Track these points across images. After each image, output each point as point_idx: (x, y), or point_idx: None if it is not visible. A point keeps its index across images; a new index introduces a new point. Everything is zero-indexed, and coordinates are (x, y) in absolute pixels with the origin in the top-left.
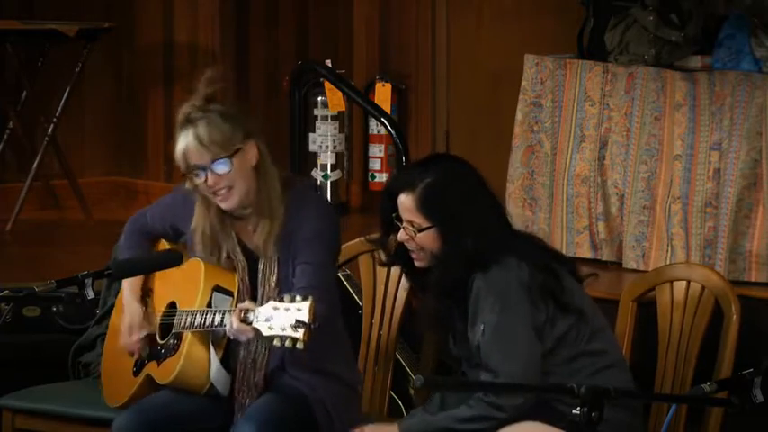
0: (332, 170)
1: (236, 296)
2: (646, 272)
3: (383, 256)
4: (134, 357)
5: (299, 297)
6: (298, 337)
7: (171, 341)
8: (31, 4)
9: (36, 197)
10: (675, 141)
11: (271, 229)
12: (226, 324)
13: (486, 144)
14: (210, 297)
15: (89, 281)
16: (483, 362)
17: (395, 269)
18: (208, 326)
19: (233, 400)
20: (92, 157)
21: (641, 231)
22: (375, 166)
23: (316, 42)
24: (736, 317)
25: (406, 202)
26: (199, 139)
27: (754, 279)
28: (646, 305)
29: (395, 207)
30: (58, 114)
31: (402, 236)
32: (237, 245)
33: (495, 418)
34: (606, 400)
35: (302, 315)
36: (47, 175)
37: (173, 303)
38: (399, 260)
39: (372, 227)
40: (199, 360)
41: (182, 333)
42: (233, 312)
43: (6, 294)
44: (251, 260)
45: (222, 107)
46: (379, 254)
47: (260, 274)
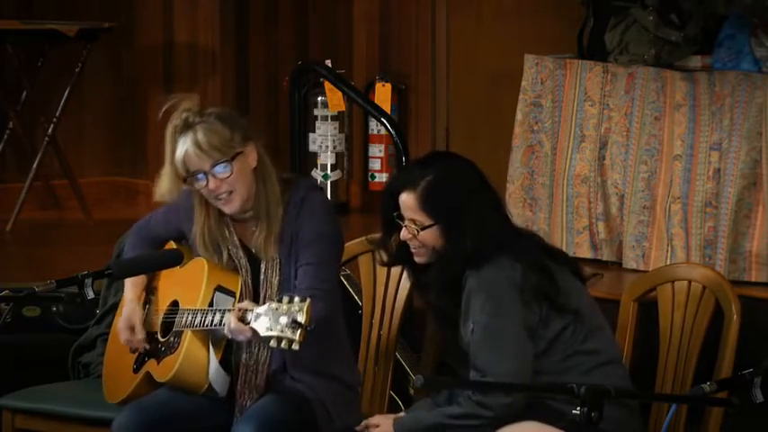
0: (332, 170)
1: (237, 297)
2: (646, 272)
3: (384, 257)
4: (135, 354)
5: (297, 298)
6: (294, 338)
7: (171, 339)
8: (31, 4)
9: (36, 197)
10: (675, 141)
11: (270, 230)
12: (224, 323)
13: (486, 144)
14: (212, 297)
15: (89, 281)
16: (471, 361)
17: (395, 269)
18: (207, 325)
19: (233, 401)
20: (92, 157)
21: (641, 231)
22: (375, 166)
23: (316, 42)
24: (736, 317)
25: (407, 200)
26: (198, 145)
27: (754, 279)
28: (646, 305)
29: (396, 206)
30: (58, 114)
31: (404, 234)
32: (240, 247)
33: (483, 417)
34: (606, 399)
35: (299, 316)
36: (47, 175)
37: (175, 302)
38: (401, 260)
39: (373, 227)
40: (197, 359)
41: (182, 332)
42: (232, 312)
43: (6, 294)
44: (253, 262)
45: (219, 111)
46: (380, 254)
47: (262, 276)
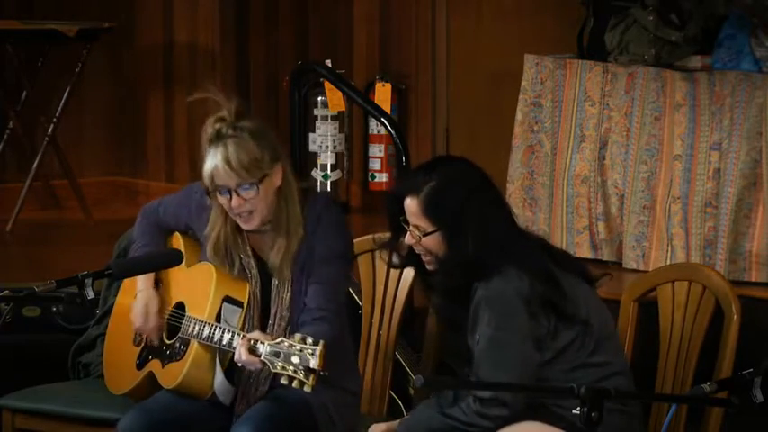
0: (332, 170)
1: (245, 309)
2: (646, 272)
3: (394, 259)
4: (139, 347)
5: (310, 340)
6: (305, 381)
7: (177, 344)
8: (31, 4)
9: (36, 197)
10: (675, 141)
11: (288, 248)
12: (234, 347)
13: (486, 144)
14: (220, 308)
15: (89, 281)
16: (474, 371)
17: (394, 270)
18: (216, 342)
19: (234, 403)
20: (92, 157)
21: (641, 231)
22: (375, 166)
23: (316, 42)
24: (736, 317)
25: (411, 206)
26: (228, 162)
27: (754, 279)
28: (646, 305)
29: (402, 210)
30: (58, 114)
31: (409, 239)
32: (252, 257)
33: (482, 427)
34: (606, 400)
35: (312, 362)
36: (47, 175)
37: (180, 304)
38: (412, 262)
39: (373, 227)
40: (203, 370)
41: (188, 340)
42: (241, 341)
43: (6, 294)
44: (264, 275)
45: (252, 125)
46: (389, 256)
47: (273, 291)
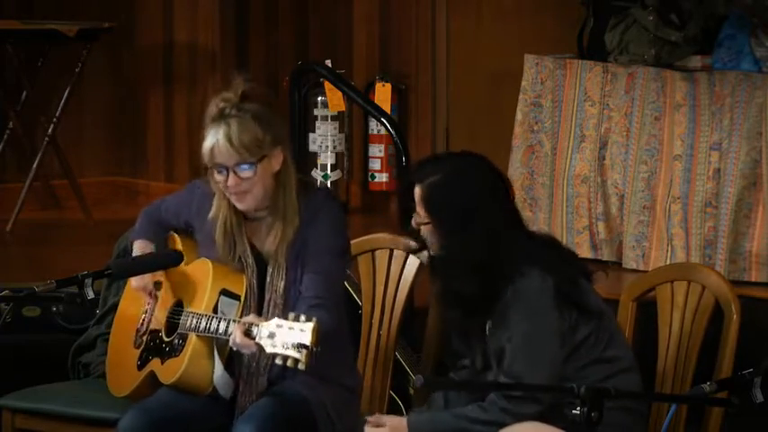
0: (332, 170)
1: (242, 301)
2: (646, 272)
3: (412, 243)
4: (140, 349)
5: (302, 317)
6: (299, 358)
7: (176, 340)
8: (31, 4)
9: (36, 197)
10: (675, 141)
11: (284, 235)
12: (230, 334)
13: (486, 144)
14: (217, 301)
15: (89, 281)
16: (506, 367)
17: (394, 269)
18: (213, 332)
19: (235, 400)
20: (92, 157)
21: (641, 231)
22: (375, 166)
23: (316, 42)
24: (736, 317)
25: (416, 193)
26: (229, 140)
27: (754, 279)
28: (646, 305)
29: (413, 195)
30: (58, 114)
31: (413, 222)
32: (248, 246)
33: (505, 425)
34: (606, 399)
35: (305, 337)
36: (47, 175)
37: (179, 302)
38: (424, 246)
39: (373, 227)
40: (202, 363)
41: (186, 334)
42: (237, 325)
43: (6, 294)
44: (260, 264)
45: (256, 108)
46: (408, 241)
47: (267, 279)
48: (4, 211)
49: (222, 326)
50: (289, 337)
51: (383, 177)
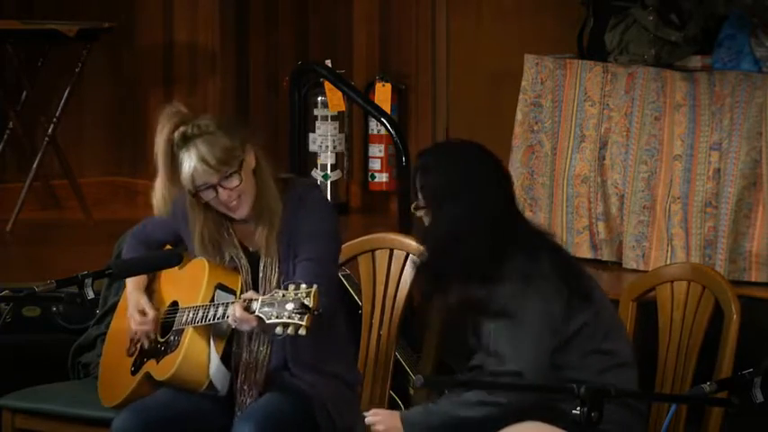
0: (332, 170)
1: (238, 296)
2: (646, 272)
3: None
4: (133, 357)
5: (303, 285)
6: (301, 323)
7: (171, 338)
8: (31, 4)
9: (36, 197)
10: (675, 141)
11: (272, 227)
12: (228, 315)
13: (486, 144)
14: (213, 294)
15: (89, 281)
16: (492, 348)
17: (394, 269)
18: (210, 319)
19: (233, 400)
20: (92, 157)
21: (641, 231)
22: (375, 166)
23: (316, 42)
24: (736, 317)
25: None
26: (204, 160)
27: (754, 279)
28: (646, 305)
29: None
30: (58, 114)
31: (412, 207)
32: (240, 248)
33: (496, 403)
34: (606, 399)
35: (306, 300)
36: (47, 175)
37: (174, 303)
38: None
39: (373, 227)
40: (198, 356)
41: (182, 330)
42: (236, 302)
43: (6, 294)
44: (253, 261)
45: (213, 119)
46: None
47: (261, 274)
48: (4, 211)
49: (219, 311)
50: (290, 305)
51: (383, 177)
